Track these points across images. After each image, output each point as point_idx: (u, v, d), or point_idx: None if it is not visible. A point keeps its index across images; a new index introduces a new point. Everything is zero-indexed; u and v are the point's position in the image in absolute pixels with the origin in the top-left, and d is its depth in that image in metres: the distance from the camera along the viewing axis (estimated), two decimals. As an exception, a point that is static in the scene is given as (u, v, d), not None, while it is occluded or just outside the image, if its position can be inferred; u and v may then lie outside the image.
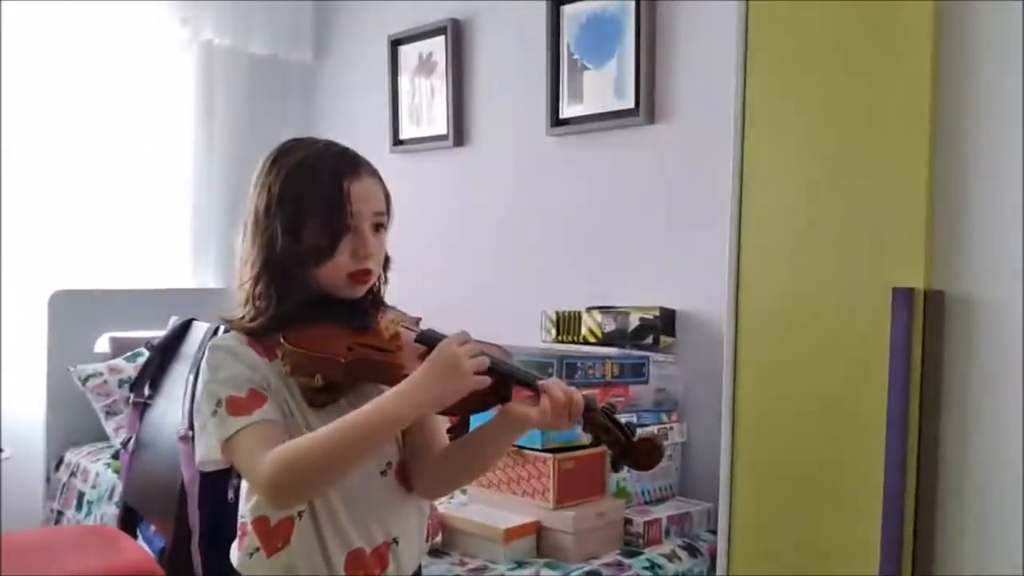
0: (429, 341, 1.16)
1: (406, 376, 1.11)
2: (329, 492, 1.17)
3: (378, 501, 1.22)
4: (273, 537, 1.18)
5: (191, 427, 1.65)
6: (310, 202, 1.17)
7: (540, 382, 1.16)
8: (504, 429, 1.21)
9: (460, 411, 1.17)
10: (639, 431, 1.18)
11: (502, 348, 1.21)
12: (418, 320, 1.27)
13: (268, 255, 1.19)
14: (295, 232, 1.17)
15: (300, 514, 1.17)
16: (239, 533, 1.23)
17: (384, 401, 1.10)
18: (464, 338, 1.13)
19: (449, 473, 1.29)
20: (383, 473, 1.23)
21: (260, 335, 1.19)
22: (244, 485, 1.23)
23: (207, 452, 1.15)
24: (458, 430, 1.27)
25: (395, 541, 1.22)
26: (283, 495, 1.12)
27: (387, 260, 1.28)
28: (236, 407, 1.14)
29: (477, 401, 1.13)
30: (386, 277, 1.30)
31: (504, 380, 1.15)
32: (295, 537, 1.17)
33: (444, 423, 1.29)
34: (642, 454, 1.16)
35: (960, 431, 1.65)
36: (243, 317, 1.20)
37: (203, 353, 1.22)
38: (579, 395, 1.16)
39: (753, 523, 1.91)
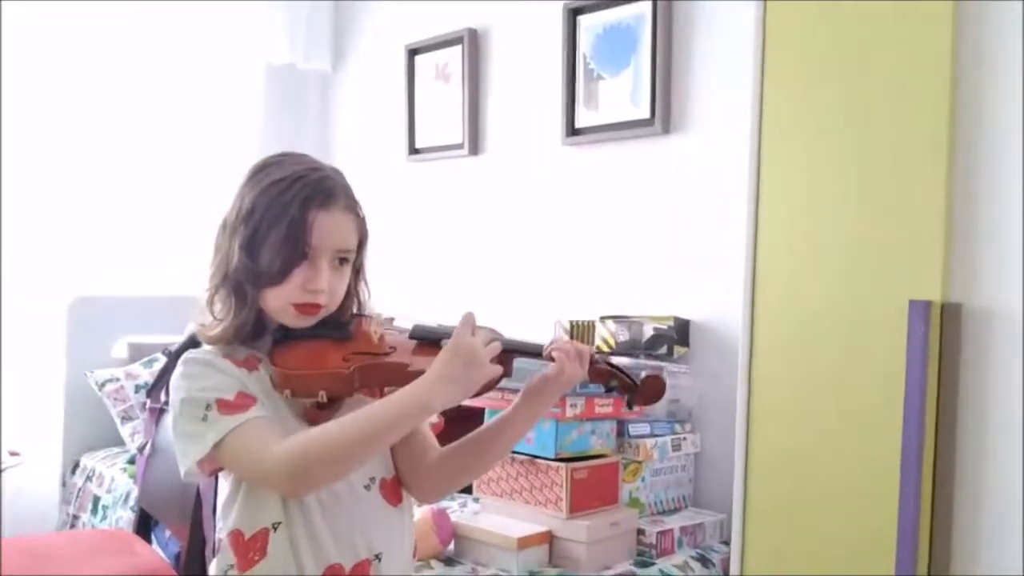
0: (428, 336, 1.21)
1: (412, 372, 1.13)
2: (309, 505, 1.16)
3: (361, 516, 1.20)
4: (248, 550, 1.16)
5: None
6: (272, 225, 1.16)
7: (546, 348, 1.21)
8: (537, 402, 1.23)
9: (477, 395, 1.20)
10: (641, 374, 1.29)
11: (492, 328, 1.23)
12: (391, 319, 1.28)
13: (226, 268, 1.20)
14: (252, 251, 1.17)
15: (275, 526, 1.16)
16: (216, 549, 1.22)
17: (413, 391, 1.11)
18: (473, 325, 1.14)
19: (461, 470, 1.29)
20: (367, 488, 1.22)
21: (228, 349, 1.20)
22: (221, 499, 1.21)
23: (194, 460, 1.13)
24: (443, 437, 1.31)
25: (377, 557, 1.21)
26: (304, 477, 1.10)
27: (352, 292, 1.26)
28: (228, 407, 1.13)
29: (492, 382, 1.16)
30: (359, 303, 1.28)
31: (511, 357, 1.20)
32: (270, 549, 1.16)
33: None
34: (649, 390, 1.25)
35: (977, 442, 1.64)
36: (209, 329, 1.22)
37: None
38: (582, 345, 1.23)
39: (766, 534, 1.90)
